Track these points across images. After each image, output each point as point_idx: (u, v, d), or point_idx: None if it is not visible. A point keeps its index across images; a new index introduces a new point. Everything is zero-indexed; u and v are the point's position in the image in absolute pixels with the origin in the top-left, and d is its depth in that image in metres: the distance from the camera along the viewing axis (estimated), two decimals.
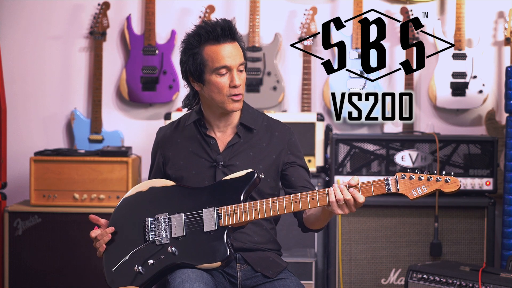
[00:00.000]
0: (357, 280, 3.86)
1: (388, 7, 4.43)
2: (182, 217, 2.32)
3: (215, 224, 2.28)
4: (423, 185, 2.21)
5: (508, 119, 3.68)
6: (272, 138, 2.50)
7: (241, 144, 2.47)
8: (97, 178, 3.93)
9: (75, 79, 4.49)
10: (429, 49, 4.40)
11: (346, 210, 2.25)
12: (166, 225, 2.33)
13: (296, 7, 4.44)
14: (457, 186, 2.19)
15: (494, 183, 3.85)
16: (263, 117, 2.54)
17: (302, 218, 2.48)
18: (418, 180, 2.21)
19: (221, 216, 2.28)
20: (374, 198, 3.84)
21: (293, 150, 2.53)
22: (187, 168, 2.47)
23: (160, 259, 2.30)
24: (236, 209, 2.28)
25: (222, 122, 2.49)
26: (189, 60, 2.41)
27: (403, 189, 2.21)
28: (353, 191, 2.23)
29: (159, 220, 2.34)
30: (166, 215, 2.35)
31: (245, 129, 2.49)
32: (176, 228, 2.32)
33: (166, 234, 2.32)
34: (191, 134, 2.51)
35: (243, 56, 2.43)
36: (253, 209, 2.27)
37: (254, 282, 2.43)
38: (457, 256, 3.82)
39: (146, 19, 4.36)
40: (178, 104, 4.43)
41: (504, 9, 4.38)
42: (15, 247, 3.87)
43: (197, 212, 2.32)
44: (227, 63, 2.38)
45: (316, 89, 4.42)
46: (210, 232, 2.29)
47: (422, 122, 4.41)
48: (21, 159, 4.31)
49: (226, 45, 2.39)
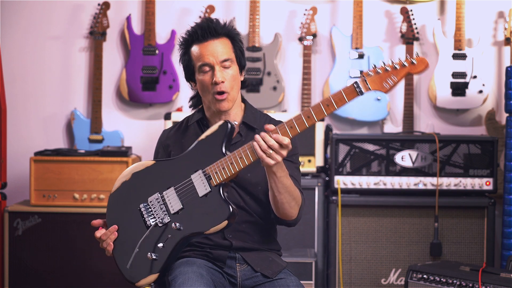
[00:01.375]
0: (357, 280, 3.86)
1: (388, 7, 4.43)
2: (173, 191, 2.31)
3: (208, 186, 2.27)
4: (392, 75, 2.18)
5: (508, 119, 3.68)
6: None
7: (242, 142, 2.47)
8: (97, 178, 3.93)
9: (75, 79, 4.49)
10: (429, 49, 4.40)
11: (277, 157, 2.22)
12: (161, 204, 2.32)
13: (296, 7, 4.44)
14: (425, 63, 2.16)
15: (494, 183, 3.85)
16: (265, 117, 2.55)
17: (274, 210, 2.43)
18: (385, 71, 2.18)
19: (210, 176, 2.28)
20: (374, 198, 3.85)
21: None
22: None
23: (169, 239, 2.29)
24: (222, 164, 2.27)
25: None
26: (183, 62, 2.48)
27: (374, 86, 2.18)
28: (276, 136, 2.21)
29: (152, 202, 2.33)
30: (158, 194, 2.34)
31: (247, 128, 2.50)
32: (172, 203, 2.31)
33: (164, 213, 2.31)
34: (194, 134, 2.51)
35: (229, 52, 2.42)
36: (237, 157, 2.26)
37: (254, 282, 2.43)
38: (457, 256, 3.82)
39: (146, 19, 4.36)
40: (178, 104, 4.43)
41: (504, 9, 4.38)
42: (15, 247, 3.87)
43: (187, 180, 2.31)
44: (206, 60, 2.39)
45: (316, 89, 4.42)
46: (206, 195, 2.28)
47: (422, 122, 4.41)
48: (21, 159, 4.31)
49: (208, 43, 2.40)
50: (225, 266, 2.43)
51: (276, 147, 2.21)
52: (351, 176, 3.87)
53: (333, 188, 3.87)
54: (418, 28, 4.31)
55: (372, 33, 4.40)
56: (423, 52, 4.41)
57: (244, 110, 2.52)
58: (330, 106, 2.22)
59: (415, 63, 2.17)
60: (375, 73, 2.18)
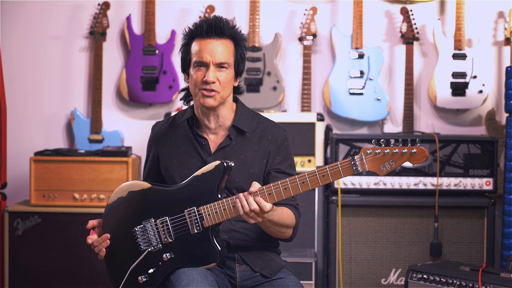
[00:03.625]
0: (357, 280, 3.85)
1: (388, 7, 4.43)
2: (167, 222, 2.34)
3: (200, 226, 2.30)
4: (391, 160, 2.14)
5: (508, 119, 3.68)
6: (263, 141, 2.47)
7: (232, 146, 2.46)
8: (97, 178, 3.93)
9: (75, 79, 4.49)
10: (429, 49, 4.40)
11: (259, 219, 2.22)
12: (155, 231, 2.35)
13: (296, 7, 4.44)
14: (425, 157, 2.12)
15: (494, 183, 3.85)
16: (258, 118, 2.51)
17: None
18: (383, 155, 2.15)
19: (203, 216, 2.29)
20: (374, 198, 3.85)
21: (282, 154, 2.48)
22: (180, 167, 2.47)
23: (159, 266, 2.34)
24: (215, 207, 2.28)
25: (212, 123, 2.47)
26: (182, 52, 2.46)
27: (371, 166, 2.16)
28: (259, 200, 2.20)
29: (146, 228, 2.36)
30: (152, 220, 2.36)
31: (238, 131, 2.47)
32: (164, 233, 2.34)
33: (156, 241, 2.35)
34: (185, 133, 2.51)
35: (229, 56, 2.40)
36: (231, 206, 2.27)
37: (253, 283, 2.43)
38: (457, 256, 3.82)
39: (146, 19, 4.36)
40: (178, 104, 4.43)
41: (504, 9, 4.37)
42: (15, 247, 3.87)
43: (180, 215, 2.33)
44: (203, 58, 2.38)
45: (316, 89, 4.42)
46: (197, 234, 2.30)
47: (422, 122, 4.41)
48: (21, 159, 4.31)
49: (210, 40, 2.38)
50: (224, 266, 2.43)
51: (258, 211, 2.22)
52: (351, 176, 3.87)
53: (333, 188, 3.87)
54: (418, 28, 4.31)
55: (372, 33, 4.40)
56: (423, 52, 4.40)
57: (235, 111, 2.49)
58: (325, 177, 2.20)
59: (415, 153, 2.13)
60: (374, 154, 2.15)
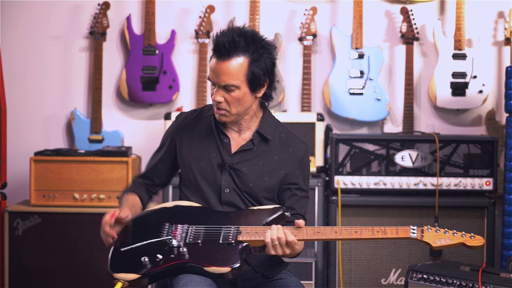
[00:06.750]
0: (357, 280, 3.86)
1: (388, 7, 4.43)
2: (201, 230, 2.34)
3: (233, 237, 2.29)
4: (448, 238, 2.28)
5: (508, 119, 3.68)
6: (284, 153, 2.46)
7: (253, 151, 2.45)
8: (97, 178, 3.93)
9: (75, 79, 4.49)
10: (429, 49, 4.40)
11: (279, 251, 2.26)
12: (184, 232, 2.35)
13: (296, 7, 4.44)
14: (482, 242, 2.26)
15: (494, 183, 3.85)
16: (281, 129, 2.51)
17: None
18: (444, 233, 2.29)
19: (241, 232, 2.29)
20: (374, 198, 3.86)
21: (301, 169, 2.48)
22: (197, 159, 2.47)
23: (169, 257, 2.29)
24: (257, 229, 2.29)
25: (235, 126, 2.47)
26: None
27: (427, 238, 2.27)
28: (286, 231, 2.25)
29: (177, 227, 2.36)
30: (186, 225, 2.37)
31: (261, 138, 2.46)
32: (192, 236, 2.33)
33: (181, 238, 2.33)
34: (209, 127, 2.50)
35: (238, 76, 2.34)
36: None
37: (254, 283, 2.43)
38: (457, 256, 3.82)
39: (146, 19, 4.36)
40: (178, 104, 4.43)
41: (504, 9, 4.37)
42: (15, 247, 3.87)
43: (217, 227, 2.33)
44: (211, 78, 2.39)
45: (316, 89, 4.42)
46: (225, 243, 2.29)
47: (422, 122, 4.41)
48: (21, 159, 4.31)
49: (218, 62, 2.35)
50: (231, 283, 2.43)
51: (283, 241, 2.25)
52: (351, 176, 3.87)
53: (333, 188, 3.87)
54: (418, 28, 4.31)
55: (372, 33, 4.40)
56: (423, 52, 4.41)
57: (261, 118, 2.48)
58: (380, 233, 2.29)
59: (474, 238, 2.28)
60: (435, 231, 2.29)
